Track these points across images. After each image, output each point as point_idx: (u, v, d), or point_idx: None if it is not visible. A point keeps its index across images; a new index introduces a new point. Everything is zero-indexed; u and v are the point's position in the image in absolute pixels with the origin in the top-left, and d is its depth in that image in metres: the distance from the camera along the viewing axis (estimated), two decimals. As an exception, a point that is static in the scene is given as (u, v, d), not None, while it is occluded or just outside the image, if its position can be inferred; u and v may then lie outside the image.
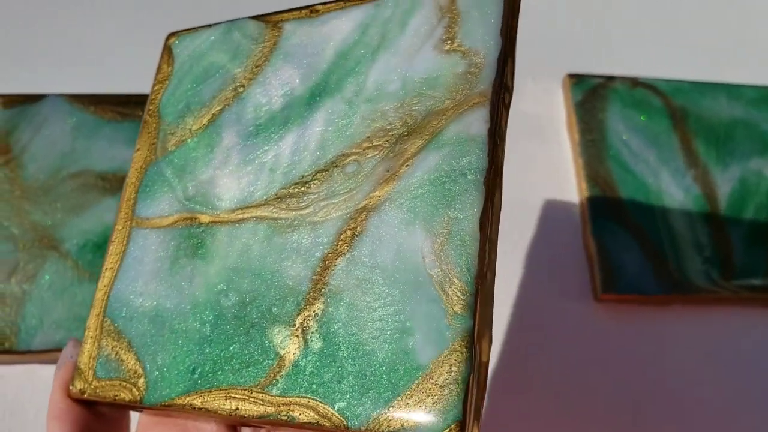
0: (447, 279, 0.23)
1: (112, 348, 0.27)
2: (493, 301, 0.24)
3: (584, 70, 0.56)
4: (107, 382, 0.27)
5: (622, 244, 0.49)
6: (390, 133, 0.26)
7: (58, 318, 0.44)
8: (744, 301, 0.49)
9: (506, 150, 0.25)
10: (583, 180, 0.51)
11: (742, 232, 0.50)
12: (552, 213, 0.52)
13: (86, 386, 0.27)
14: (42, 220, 0.47)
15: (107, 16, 0.59)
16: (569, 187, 0.52)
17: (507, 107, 0.25)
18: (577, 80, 0.54)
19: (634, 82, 0.54)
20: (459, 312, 0.22)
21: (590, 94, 0.54)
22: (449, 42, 0.26)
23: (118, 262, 0.29)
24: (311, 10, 0.30)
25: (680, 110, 0.53)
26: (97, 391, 0.27)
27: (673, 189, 0.51)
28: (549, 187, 0.52)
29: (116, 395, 0.27)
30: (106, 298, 0.28)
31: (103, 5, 0.60)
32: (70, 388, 0.27)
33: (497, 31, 0.26)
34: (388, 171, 0.25)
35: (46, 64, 0.56)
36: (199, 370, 0.26)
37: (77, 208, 0.47)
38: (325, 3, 0.30)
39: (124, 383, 0.27)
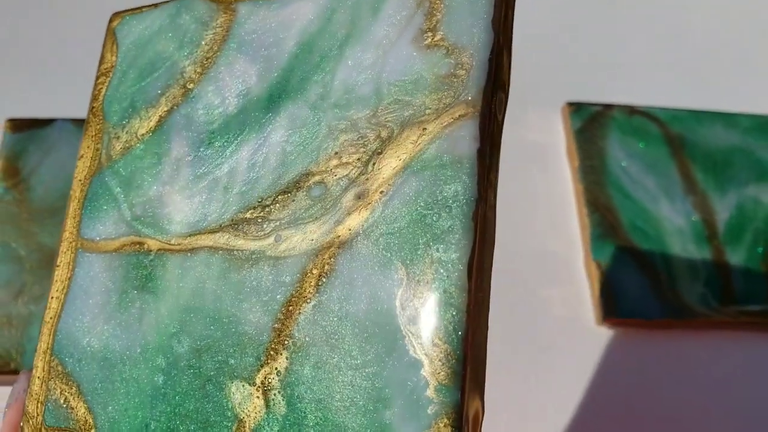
0: (429, 339, 0.19)
1: (60, 392, 0.24)
2: (485, 359, 0.20)
3: (583, 98, 0.56)
4: (58, 431, 0.23)
5: (623, 269, 0.49)
6: (362, 150, 0.22)
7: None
8: (744, 326, 0.48)
9: (507, 177, 0.22)
10: (584, 206, 0.51)
11: (741, 257, 0.50)
12: (553, 239, 0.52)
13: None
14: (49, 242, 0.47)
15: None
16: (569, 212, 0.53)
17: (502, 116, 0.21)
18: (576, 108, 0.55)
19: (633, 110, 0.55)
20: (443, 382, 0.18)
21: (589, 122, 0.54)
22: (430, 33, 0.22)
23: (65, 291, 0.25)
24: None
25: (678, 138, 0.54)
26: None
27: (672, 215, 0.51)
28: (549, 213, 0.53)
29: None
30: (52, 333, 0.24)
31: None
32: None
33: (488, 21, 0.21)
34: (360, 198, 0.21)
35: (55, 90, 0.56)
36: (152, 426, 0.22)
37: (84, 231, 0.48)
38: None
39: None
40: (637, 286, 0.48)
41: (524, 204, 0.53)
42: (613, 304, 0.48)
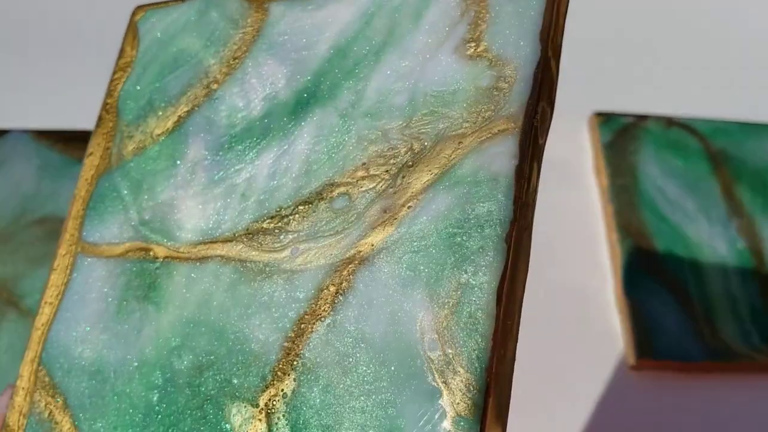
0: (450, 367, 0.19)
1: (45, 405, 0.24)
2: (510, 393, 0.20)
3: (613, 107, 0.55)
4: None
5: (658, 304, 0.47)
6: (391, 161, 0.22)
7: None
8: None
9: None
10: (614, 231, 0.49)
11: (794, 290, 0.49)
12: (579, 268, 0.50)
13: None
14: (0, 271, 0.45)
15: (78, 46, 0.58)
16: (598, 238, 0.51)
17: (545, 136, 0.21)
18: (605, 119, 0.54)
19: (669, 122, 0.54)
20: (463, 414, 0.18)
21: (620, 135, 0.53)
22: (473, 44, 0.22)
23: (60, 297, 0.25)
24: None
25: (721, 153, 0.53)
26: None
27: (714, 241, 0.49)
28: (575, 239, 0.51)
29: None
30: (42, 340, 0.24)
31: (73, 34, 0.59)
32: None
33: (536, 33, 0.21)
34: (385, 212, 0.21)
35: (9, 97, 0.54)
36: None
37: (41, 259, 0.46)
38: None
39: None
40: (675, 324, 0.46)
41: (546, 228, 0.50)
42: (648, 344, 0.46)
